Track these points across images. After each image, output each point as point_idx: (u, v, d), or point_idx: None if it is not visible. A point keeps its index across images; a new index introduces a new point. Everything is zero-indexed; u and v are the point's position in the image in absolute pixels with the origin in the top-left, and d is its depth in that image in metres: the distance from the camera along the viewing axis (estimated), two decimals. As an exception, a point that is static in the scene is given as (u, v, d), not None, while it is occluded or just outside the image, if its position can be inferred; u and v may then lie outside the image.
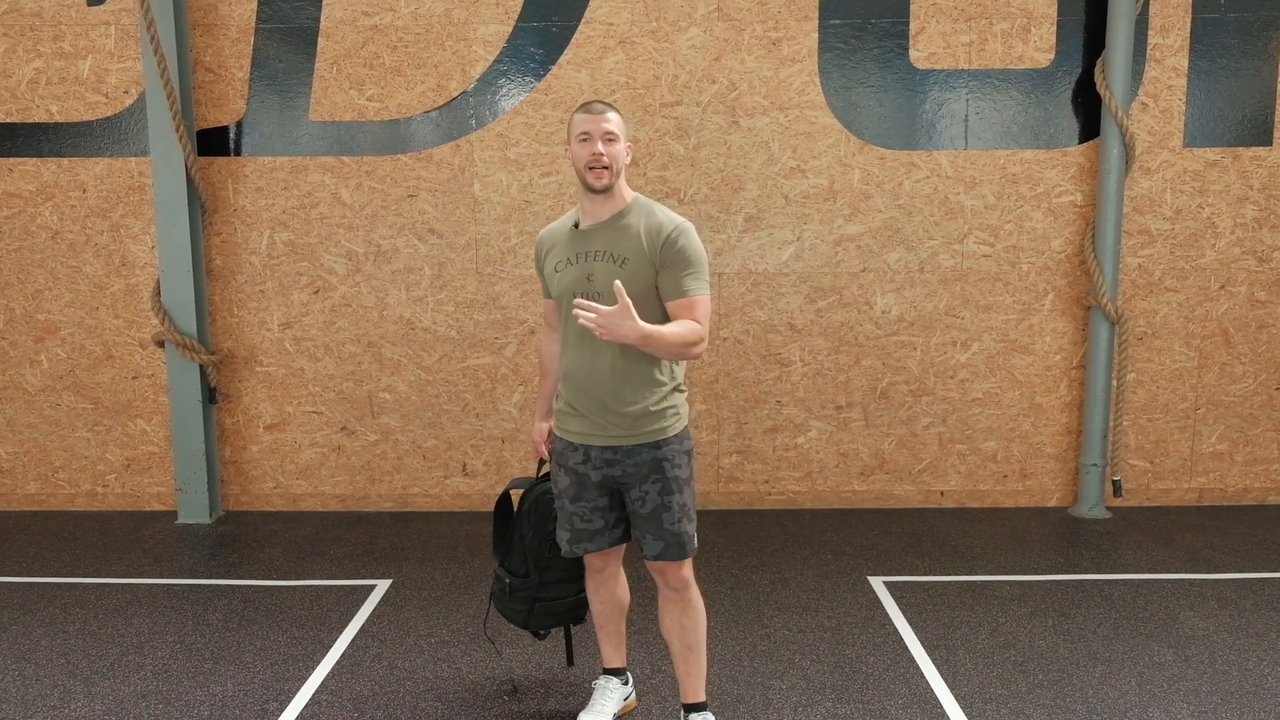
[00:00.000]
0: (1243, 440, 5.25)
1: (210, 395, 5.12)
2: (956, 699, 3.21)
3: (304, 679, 3.38)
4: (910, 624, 3.80)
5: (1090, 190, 5.05)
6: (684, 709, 2.92)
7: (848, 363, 5.19)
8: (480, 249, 5.11)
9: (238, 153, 5.07)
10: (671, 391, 2.75)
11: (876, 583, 4.24)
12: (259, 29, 4.97)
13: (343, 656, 3.56)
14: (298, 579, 4.32)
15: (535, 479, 3.14)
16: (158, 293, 5.00)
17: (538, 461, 3.10)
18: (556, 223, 2.87)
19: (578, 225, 2.75)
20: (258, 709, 3.17)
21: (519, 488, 3.15)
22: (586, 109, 2.68)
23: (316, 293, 5.16)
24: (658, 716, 3.13)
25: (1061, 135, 5.04)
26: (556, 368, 2.98)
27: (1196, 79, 4.98)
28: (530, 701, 3.23)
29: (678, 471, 2.74)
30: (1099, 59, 4.90)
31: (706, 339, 2.63)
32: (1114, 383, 5.08)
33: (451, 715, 3.14)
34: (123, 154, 5.05)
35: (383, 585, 4.23)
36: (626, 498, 2.78)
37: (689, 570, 2.82)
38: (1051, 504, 5.31)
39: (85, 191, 5.09)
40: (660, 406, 2.72)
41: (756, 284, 5.12)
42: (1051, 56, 4.98)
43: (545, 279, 2.86)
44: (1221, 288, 5.13)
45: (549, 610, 3.13)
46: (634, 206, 2.73)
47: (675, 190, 5.05)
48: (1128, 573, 4.34)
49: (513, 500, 3.18)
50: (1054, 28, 4.95)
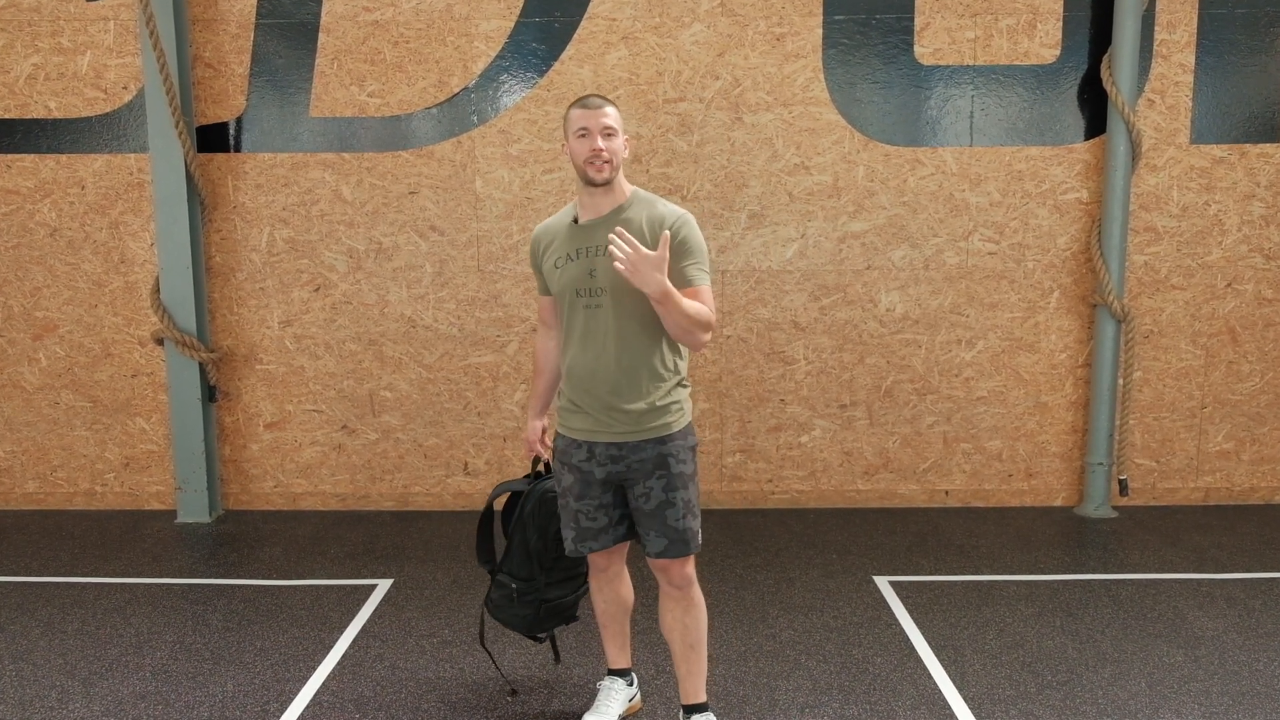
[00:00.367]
0: (1249, 439, 5.22)
1: (210, 393, 5.09)
2: (965, 700, 3.18)
3: (305, 679, 3.35)
4: (917, 624, 3.77)
5: (1096, 187, 5.01)
6: (684, 710, 2.87)
7: (852, 361, 5.15)
8: (482, 246, 5.08)
9: (238, 149, 5.03)
10: (675, 386, 2.72)
11: (882, 582, 4.20)
12: (259, 24, 4.93)
13: (344, 657, 3.52)
14: (298, 578, 4.29)
15: (530, 477, 3.09)
16: (157, 290, 4.96)
17: (533, 460, 3.07)
18: (552, 218, 2.83)
19: (577, 220, 2.71)
20: (258, 710, 3.14)
21: (506, 491, 3.10)
22: (583, 104, 2.64)
23: (317, 290, 5.12)
24: (663, 718, 3.10)
25: (1067, 132, 5.00)
26: (552, 365, 2.95)
27: (1203, 75, 4.94)
28: (534, 702, 3.19)
29: (682, 467, 2.71)
30: (1105, 55, 4.87)
31: (714, 328, 2.60)
32: (1120, 381, 5.04)
33: (454, 716, 3.10)
34: (122, 150, 5.02)
35: (384, 585, 4.20)
36: (630, 494, 2.75)
37: (692, 568, 2.78)
38: (1057, 503, 5.27)
39: (84, 188, 5.05)
40: (665, 401, 2.69)
41: (760, 282, 5.09)
42: (1057, 52, 4.95)
43: (543, 275, 2.81)
44: (1228, 285, 5.09)
45: (553, 611, 3.10)
46: (634, 200, 2.70)
47: (678, 187, 5.01)
48: (1135, 573, 4.30)
49: (496, 508, 3.13)
50: (1060, 23, 4.92)
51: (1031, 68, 4.95)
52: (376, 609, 3.94)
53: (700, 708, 2.85)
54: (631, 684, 3.10)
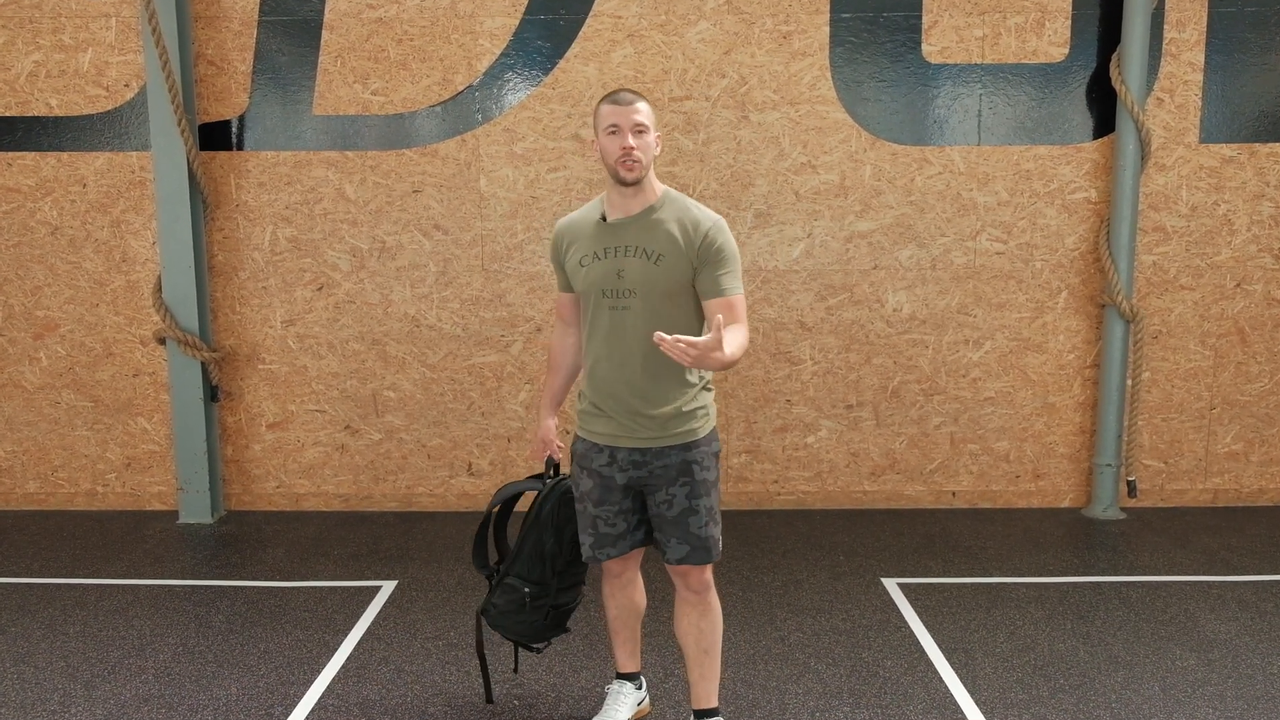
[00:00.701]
0: (1258, 440, 5.18)
1: (212, 393, 5.05)
2: (977, 704, 3.15)
3: (309, 683, 3.31)
4: (927, 627, 3.73)
5: (1105, 187, 4.98)
6: (695, 715, 2.84)
7: (858, 361, 5.12)
8: (486, 245, 5.04)
9: (240, 147, 5.00)
10: (701, 390, 2.67)
11: (890, 584, 4.17)
12: (262, 21, 4.90)
13: (348, 660, 3.49)
14: (301, 580, 4.25)
15: (540, 477, 2.97)
16: (159, 289, 4.92)
17: (546, 460, 2.95)
18: (577, 214, 2.74)
19: (605, 218, 2.62)
20: (262, 714, 3.10)
21: (512, 494, 3.00)
22: (614, 99, 2.54)
23: (320, 289, 5.09)
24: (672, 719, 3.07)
25: (1076, 131, 4.97)
26: (568, 364, 2.88)
27: (1213, 74, 4.91)
28: (541, 707, 3.16)
29: (705, 474, 2.66)
30: (1114, 53, 4.83)
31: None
32: (1128, 382, 5.01)
33: (461, 720, 3.08)
34: (123, 148, 4.98)
35: (388, 587, 4.16)
36: (650, 500, 2.69)
37: (710, 573, 2.74)
38: (1064, 505, 5.24)
39: (85, 186, 5.01)
40: (691, 407, 2.64)
41: (766, 281, 5.05)
42: (1066, 51, 4.91)
43: (566, 273, 2.73)
44: (1237, 286, 5.06)
45: (558, 618, 3.02)
46: (665, 200, 2.61)
47: (684, 186, 4.97)
48: (1145, 574, 4.27)
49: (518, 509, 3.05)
50: (1068, 22, 4.88)
51: (1040, 66, 4.92)
52: (381, 611, 3.91)
53: (711, 713, 2.81)
54: (640, 687, 3.06)
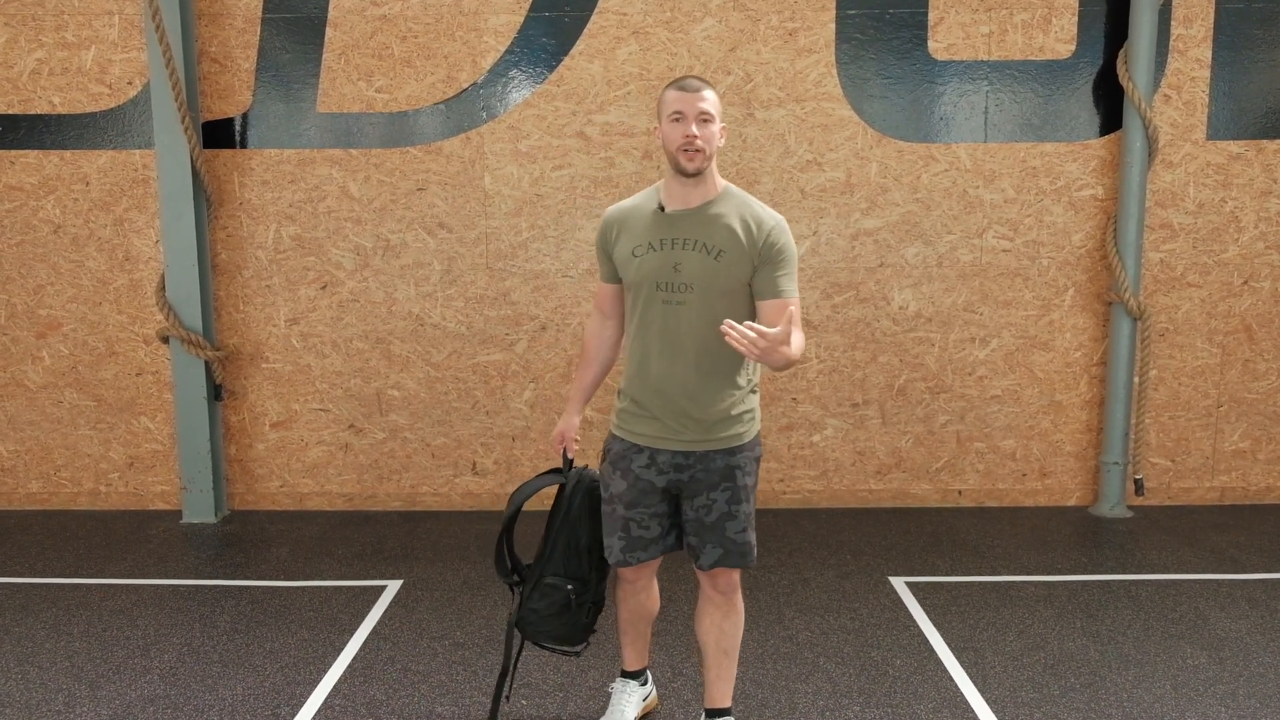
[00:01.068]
0: (1265, 438, 5.16)
1: (215, 392, 5.03)
2: (988, 703, 3.12)
3: (315, 683, 3.29)
4: (935, 625, 3.71)
5: (1111, 184, 4.96)
6: (706, 713, 2.81)
7: (864, 359, 5.10)
8: (491, 243, 5.02)
9: (243, 145, 4.98)
10: (749, 393, 2.59)
11: (898, 583, 4.15)
12: (265, 19, 4.88)
13: (354, 659, 3.46)
14: (306, 580, 4.23)
15: (560, 471, 2.78)
16: (162, 288, 4.90)
17: (563, 456, 2.81)
18: (630, 202, 2.63)
19: (663, 208, 2.52)
20: (268, 714, 3.08)
21: (533, 493, 2.74)
22: (680, 85, 2.44)
23: (324, 288, 5.07)
24: (681, 719, 3.05)
25: (1082, 128, 4.95)
26: (603, 358, 2.77)
27: (1220, 70, 4.89)
28: (549, 705, 3.14)
29: (747, 479, 2.59)
30: (1121, 50, 4.81)
31: None
32: (1135, 380, 4.98)
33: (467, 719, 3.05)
34: (126, 146, 4.96)
35: (393, 586, 4.14)
36: (686, 505, 2.60)
37: (738, 575, 2.69)
38: (1071, 503, 5.22)
39: (88, 184, 4.99)
40: (739, 410, 2.56)
41: (772, 279, 5.02)
42: (1073, 48, 4.89)
43: (614, 262, 2.61)
44: (1245, 283, 5.04)
45: (594, 617, 2.82)
46: (726, 195, 2.53)
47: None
48: (1153, 573, 4.25)
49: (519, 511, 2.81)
50: (1075, 18, 4.86)
51: (1047, 63, 4.90)
52: (387, 610, 3.89)
53: (724, 712, 2.79)
54: (646, 683, 3.03)
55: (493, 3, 4.84)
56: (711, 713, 2.80)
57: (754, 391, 2.62)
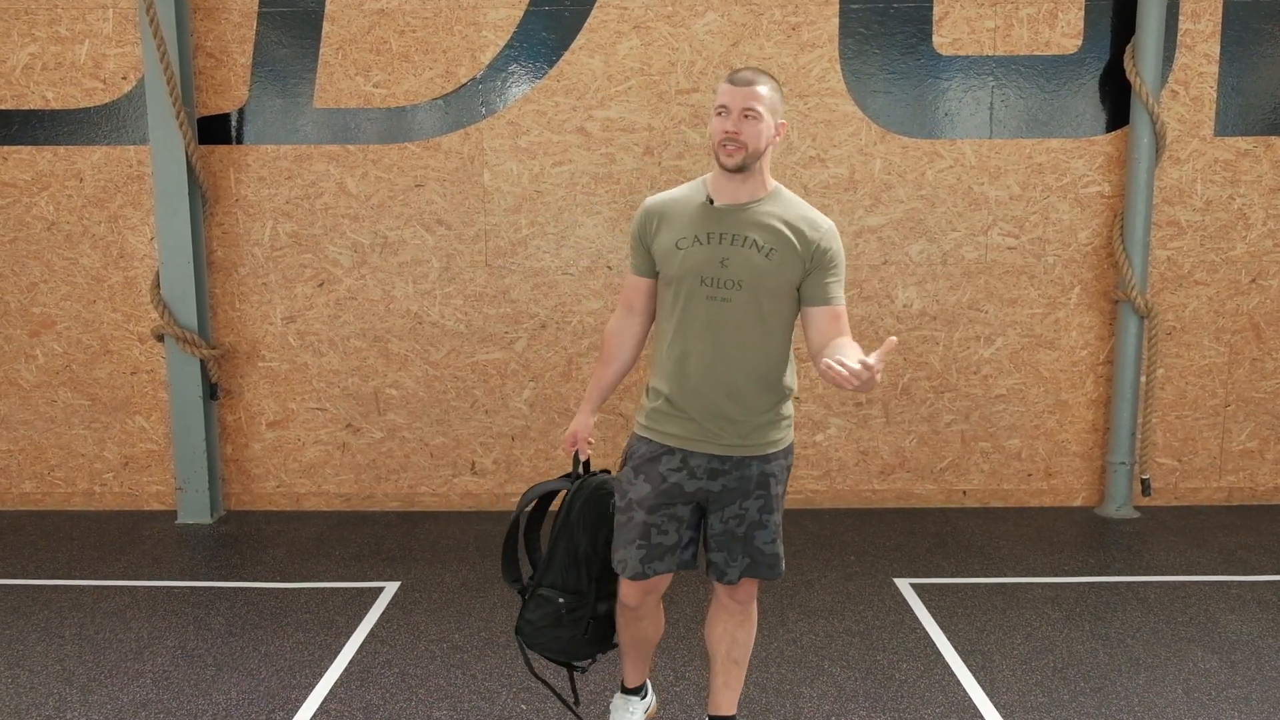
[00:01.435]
0: (1273, 438, 5.11)
1: (211, 391, 4.97)
2: (997, 708, 3.07)
3: (311, 686, 3.23)
4: (941, 628, 3.66)
5: (1118, 180, 4.90)
6: (711, 720, 2.75)
7: (868, 358, 5.03)
8: (490, 240, 4.96)
9: (240, 141, 4.91)
10: (789, 399, 2.50)
11: (903, 585, 4.09)
12: (262, 13, 4.81)
13: (351, 663, 3.41)
14: (302, 581, 4.17)
15: (570, 477, 2.65)
16: (157, 285, 4.84)
17: (574, 458, 2.66)
18: (673, 193, 2.52)
19: (711, 201, 2.42)
20: (263, 718, 3.02)
21: (540, 495, 2.67)
22: (732, 78, 2.35)
23: (321, 285, 5.01)
24: (684, 726, 2.99)
25: (1089, 124, 4.89)
26: (625, 355, 2.60)
27: (1228, 66, 4.83)
28: (549, 714, 3.08)
29: (779, 488, 2.51)
30: (1128, 45, 4.76)
31: None
32: (1142, 379, 4.93)
33: (467, 725, 2.99)
34: (121, 142, 4.89)
35: (391, 588, 4.08)
36: (714, 517, 2.48)
37: (757, 585, 2.62)
38: (1077, 503, 5.16)
39: (82, 181, 4.93)
40: (778, 415, 2.46)
41: (774, 277, 4.97)
42: (1079, 42, 4.83)
43: (650, 253, 2.48)
44: (1252, 281, 4.98)
45: (597, 634, 2.65)
46: (777, 194, 2.43)
47: (691, 180, 4.89)
48: (1161, 574, 4.20)
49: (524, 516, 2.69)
50: (1082, 13, 4.80)
51: (1053, 58, 4.84)
52: (384, 613, 3.83)
53: (728, 720, 2.72)
54: (645, 695, 2.92)
55: (492, -3, 4.79)
56: None
57: (794, 397, 2.53)
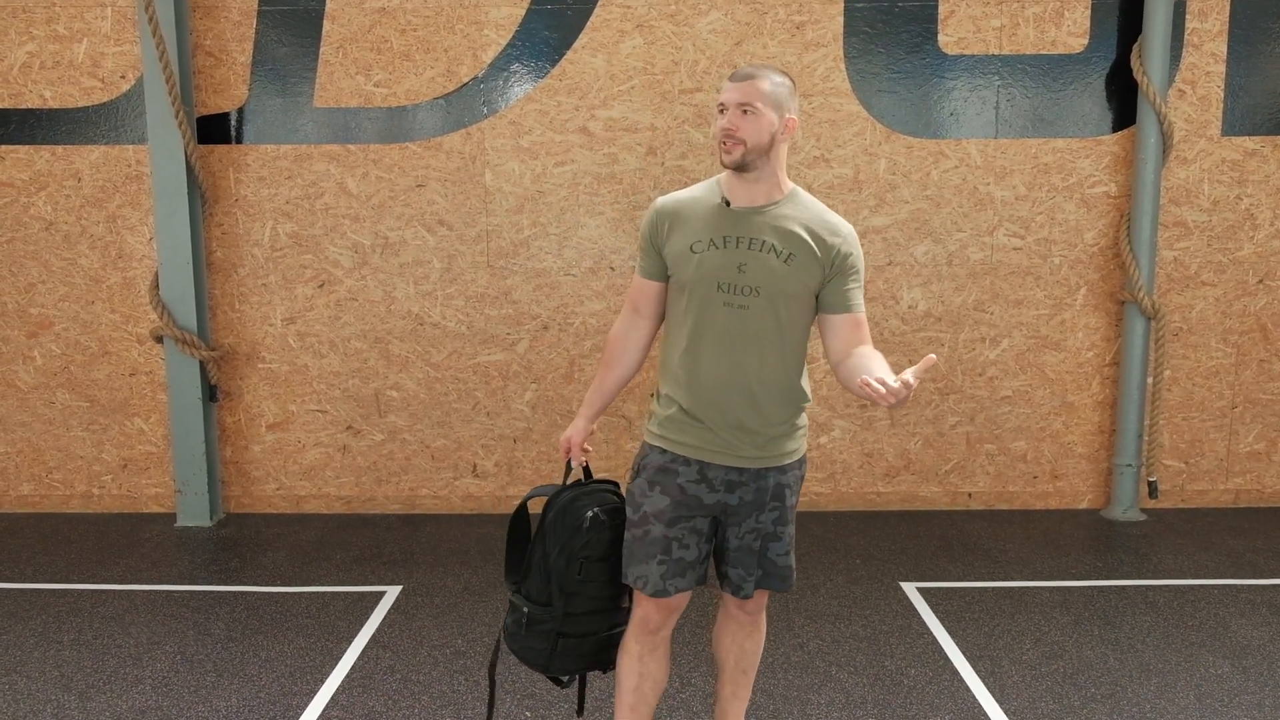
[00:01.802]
0: (1281, 440, 5.08)
1: (211, 393, 4.92)
2: (1007, 715, 3.03)
3: (313, 693, 3.19)
4: (949, 633, 3.62)
5: (1125, 180, 4.87)
6: (719, 730, 2.70)
7: (873, 359, 4.99)
8: (492, 241, 4.92)
9: (239, 140, 4.87)
10: (804, 408, 2.43)
11: (909, 589, 4.05)
12: (262, 12, 4.77)
13: (353, 668, 3.36)
14: (303, 585, 4.13)
15: (562, 486, 2.54)
16: (156, 286, 4.80)
17: (566, 465, 2.56)
18: (686, 194, 2.41)
19: (728, 203, 2.32)
20: (264, 726, 2.99)
21: (542, 495, 2.55)
22: (733, 75, 2.28)
23: (321, 286, 4.96)
24: (691, 734, 2.95)
25: (1095, 123, 4.85)
26: (630, 360, 2.49)
27: (1235, 65, 4.80)
28: (554, 717, 3.04)
29: (794, 499, 2.45)
30: (1135, 44, 4.72)
31: None
32: (1149, 380, 4.89)
33: (471, 733, 2.95)
34: (119, 141, 4.85)
35: (393, 592, 4.04)
36: (730, 532, 2.40)
37: (767, 595, 2.56)
38: (1083, 506, 5.13)
39: (80, 181, 4.89)
40: (795, 425, 2.39)
41: (778, 278, 4.93)
42: (1085, 41, 4.80)
43: (664, 257, 2.37)
44: (1260, 282, 4.95)
45: (574, 651, 2.49)
46: (795, 197, 2.35)
47: (694, 180, 4.85)
48: (1170, 578, 4.16)
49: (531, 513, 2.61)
50: (1088, 11, 4.77)
51: (1059, 57, 4.81)
52: (386, 617, 3.79)
53: (736, 730, 2.67)
54: None
55: (494, -5, 4.75)
56: (724, 729, 2.69)
57: (808, 404, 2.46)
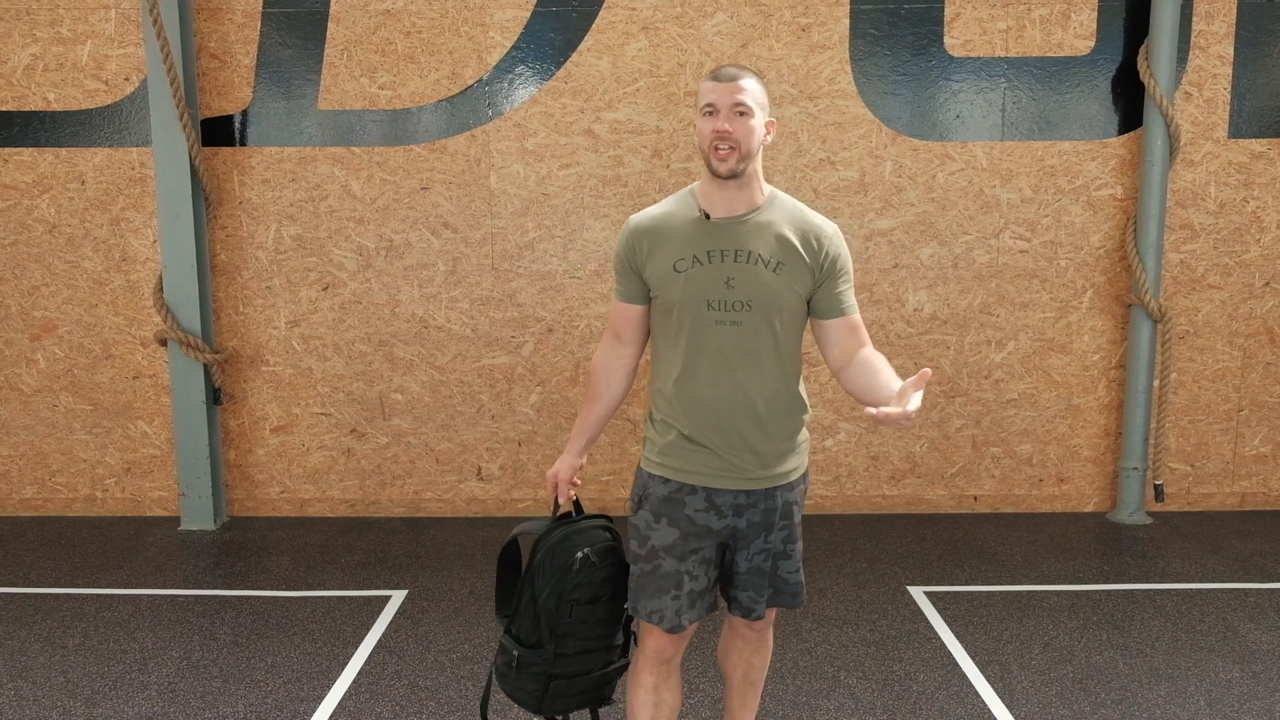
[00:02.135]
0: (1287, 443, 5.07)
1: (214, 396, 4.91)
2: (1018, 721, 3.02)
3: (320, 699, 3.18)
4: (958, 637, 3.61)
5: (1131, 183, 4.85)
6: (727, 741, 2.67)
7: (878, 362, 4.98)
8: (496, 244, 4.91)
9: (243, 143, 4.86)
10: (805, 422, 2.35)
11: (917, 593, 4.04)
12: (266, 14, 4.76)
13: (360, 674, 3.35)
14: (308, 589, 4.12)
15: (552, 520, 2.41)
16: (160, 289, 4.78)
17: (554, 502, 2.44)
18: (659, 210, 2.31)
19: (707, 216, 2.22)
20: (271, 732, 2.97)
21: (529, 533, 2.41)
22: (715, 75, 2.18)
23: (325, 289, 4.95)
24: (700, 740, 2.94)
25: (1101, 126, 4.84)
26: (615, 391, 2.39)
27: (1242, 67, 4.78)
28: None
29: (800, 515, 2.39)
30: (1142, 46, 4.71)
31: None
32: (1155, 383, 4.88)
33: (479, 739, 2.94)
34: (123, 144, 4.84)
35: (398, 596, 4.03)
36: (739, 554, 2.33)
37: (775, 611, 2.53)
38: (1089, 509, 5.11)
39: (84, 183, 4.87)
40: (798, 440, 2.33)
41: (784, 280, 4.92)
42: (1092, 44, 4.79)
43: (645, 279, 2.27)
44: (1266, 284, 4.94)
45: (566, 691, 2.39)
46: (775, 201, 2.26)
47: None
48: (1178, 582, 4.15)
49: (522, 552, 2.50)
50: (1095, 14, 4.76)
51: (1065, 59, 4.79)
52: (392, 622, 3.77)
53: (745, 742, 2.64)
54: None
55: (499, -3, 4.73)
56: (733, 740, 2.66)
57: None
